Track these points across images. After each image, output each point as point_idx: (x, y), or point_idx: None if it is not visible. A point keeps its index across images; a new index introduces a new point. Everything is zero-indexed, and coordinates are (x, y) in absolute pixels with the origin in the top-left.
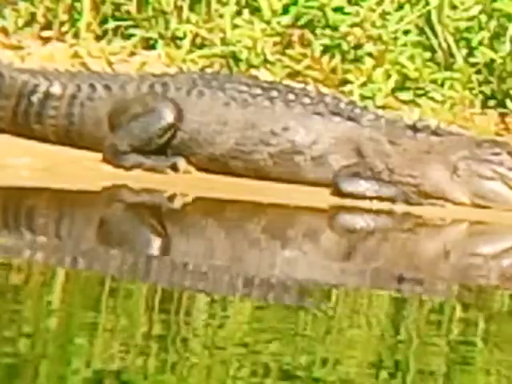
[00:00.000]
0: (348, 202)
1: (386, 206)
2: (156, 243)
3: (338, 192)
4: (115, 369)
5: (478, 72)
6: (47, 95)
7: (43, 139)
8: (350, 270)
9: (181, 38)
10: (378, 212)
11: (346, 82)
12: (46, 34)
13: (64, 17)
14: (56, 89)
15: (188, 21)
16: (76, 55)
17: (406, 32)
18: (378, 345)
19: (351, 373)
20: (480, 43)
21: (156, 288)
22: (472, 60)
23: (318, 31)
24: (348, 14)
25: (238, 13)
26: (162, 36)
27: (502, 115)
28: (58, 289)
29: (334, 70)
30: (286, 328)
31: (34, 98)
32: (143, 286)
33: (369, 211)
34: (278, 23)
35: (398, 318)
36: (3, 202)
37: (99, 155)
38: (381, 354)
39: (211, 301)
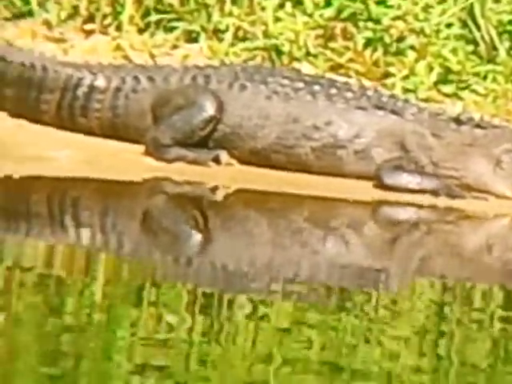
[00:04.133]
0: (391, 195)
1: (428, 199)
2: (198, 235)
3: (381, 185)
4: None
5: None
6: (92, 88)
7: (87, 132)
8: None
9: (223, 31)
10: (420, 206)
11: (388, 74)
12: (88, 26)
13: (107, 9)
14: (100, 82)
15: (230, 14)
16: (118, 48)
17: (449, 25)
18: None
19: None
20: None
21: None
22: None
23: (361, 24)
24: (391, 6)
25: (281, 6)
26: (204, 29)
27: None
28: (101, 281)
29: (376, 63)
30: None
31: (79, 92)
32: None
33: (411, 205)
34: (321, 16)
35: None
36: (45, 195)
37: (141, 148)
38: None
39: (251, 300)
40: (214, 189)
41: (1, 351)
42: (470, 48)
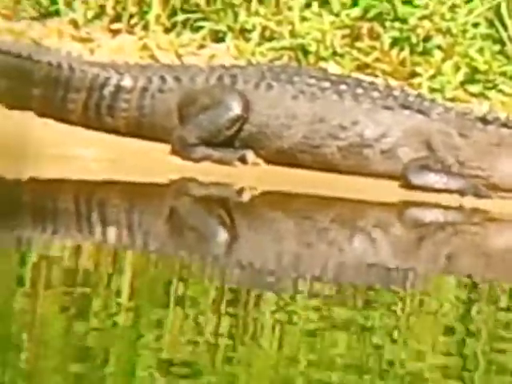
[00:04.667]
0: (417, 194)
1: (455, 199)
2: (226, 237)
3: (407, 185)
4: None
5: None
6: (118, 88)
7: (113, 131)
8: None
9: (250, 31)
10: (446, 207)
11: (414, 74)
12: (115, 26)
13: (133, 9)
14: (127, 81)
15: (257, 13)
16: (145, 48)
17: (476, 24)
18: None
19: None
20: None
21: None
22: None
23: (387, 24)
24: (417, 6)
25: (307, 5)
26: (230, 29)
27: None
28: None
29: (402, 63)
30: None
31: (106, 91)
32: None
33: (437, 205)
34: (347, 16)
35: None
36: (73, 195)
37: (167, 147)
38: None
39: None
40: (241, 190)
41: (32, 349)
42: (497, 48)
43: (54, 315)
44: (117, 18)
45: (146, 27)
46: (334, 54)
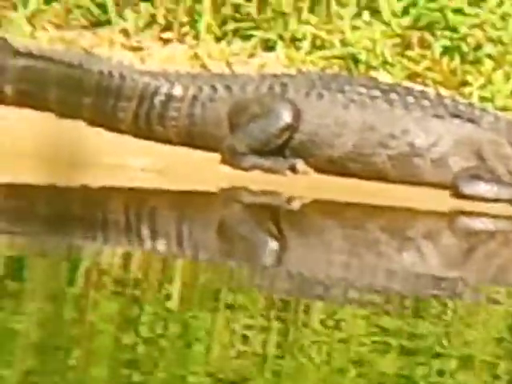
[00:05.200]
0: (468, 204)
1: (505, 209)
2: (276, 245)
3: (458, 194)
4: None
5: None
6: (169, 97)
7: (164, 140)
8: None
9: (300, 40)
10: (497, 216)
11: (465, 83)
12: (166, 35)
13: (184, 18)
14: (178, 90)
15: (307, 22)
16: (196, 57)
17: None
18: None
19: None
20: None
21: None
22: None
23: (438, 33)
24: (468, 15)
25: (358, 14)
26: (281, 37)
27: None
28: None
29: (453, 72)
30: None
31: (156, 100)
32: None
33: (488, 215)
34: (398, 25)
35: None
36: (122, 204)
37: (217, 156)
38: None
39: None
40: (291, 199)
41: (81, 357)
42: None
43: (103, 323)
44: (167, 27)
45: (196, 36)
46: (385, 62)
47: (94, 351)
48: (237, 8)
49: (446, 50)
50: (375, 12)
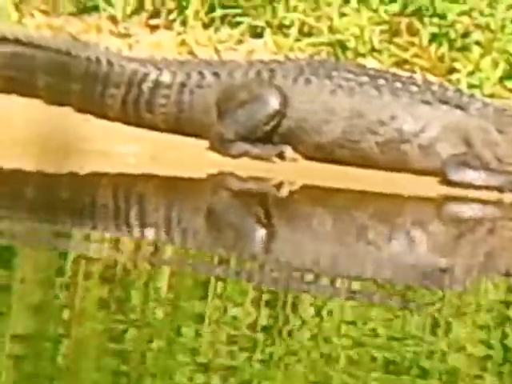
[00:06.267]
0: (456, 191)
1: (494, 195)
2: (264, 232)
3: (446, 181)
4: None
5: None
6: (157, 83)
7: (152, 127)
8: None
9: (288, 26)
10: (486, 202)
11: (453, 70)
12: (153, 22)
13: (172, 5)
14: (166, 77)
15: (295, 9)
16: (183, 43)
17: None
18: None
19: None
20: None
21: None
22: None
23: (426, 19)
24: (456, 2)
25: (346, 1)
26: (269, 24)
27: None
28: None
29: (441, 59)
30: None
31: (144, 87)
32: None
33: (477, 201)
34: (386, 11)
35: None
36: (110, 190)
37: (205, 143)
38: None
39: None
40: (279, 185)
41: (70, 343)
42: None
43: (91, 310)
44: (155, 14)
45: (184, 23)
46: (373, 49)
47: (80, 338)
48: None
49: (434, 37)
50: None
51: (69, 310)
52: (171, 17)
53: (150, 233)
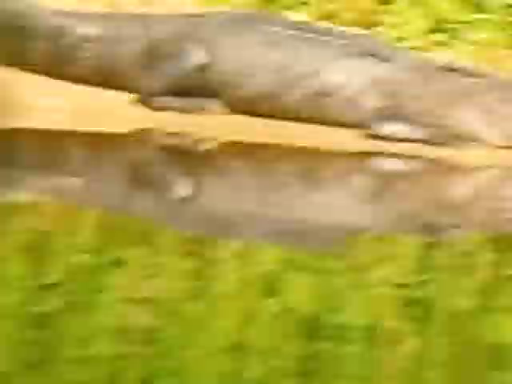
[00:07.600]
0: (379, 144)
1: (417, 148)
2: (186, 187)
3: (370, 134)
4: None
5: None
6: (82, 37)
7: (76, 81)
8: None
9: None
10: (408, 156)
11: (378, 23)
12: None
13: None
14: (91, 30)
15: None
16: None
17: None
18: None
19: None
20: None
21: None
22: (507, 1)
23: None
24: None
25: None
26: None
27: None
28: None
29: (366, 12)
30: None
31: (69, 40)
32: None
33: (399, 155)
34: None
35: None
36: (33, 145)
37: (129, 96)
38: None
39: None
40: (203, 140)
41: None
42: None
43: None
44: None
45: None
46: (300, 2)
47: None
48: None
49: None
50: None
51: None
52: None
53: (68, 189)
